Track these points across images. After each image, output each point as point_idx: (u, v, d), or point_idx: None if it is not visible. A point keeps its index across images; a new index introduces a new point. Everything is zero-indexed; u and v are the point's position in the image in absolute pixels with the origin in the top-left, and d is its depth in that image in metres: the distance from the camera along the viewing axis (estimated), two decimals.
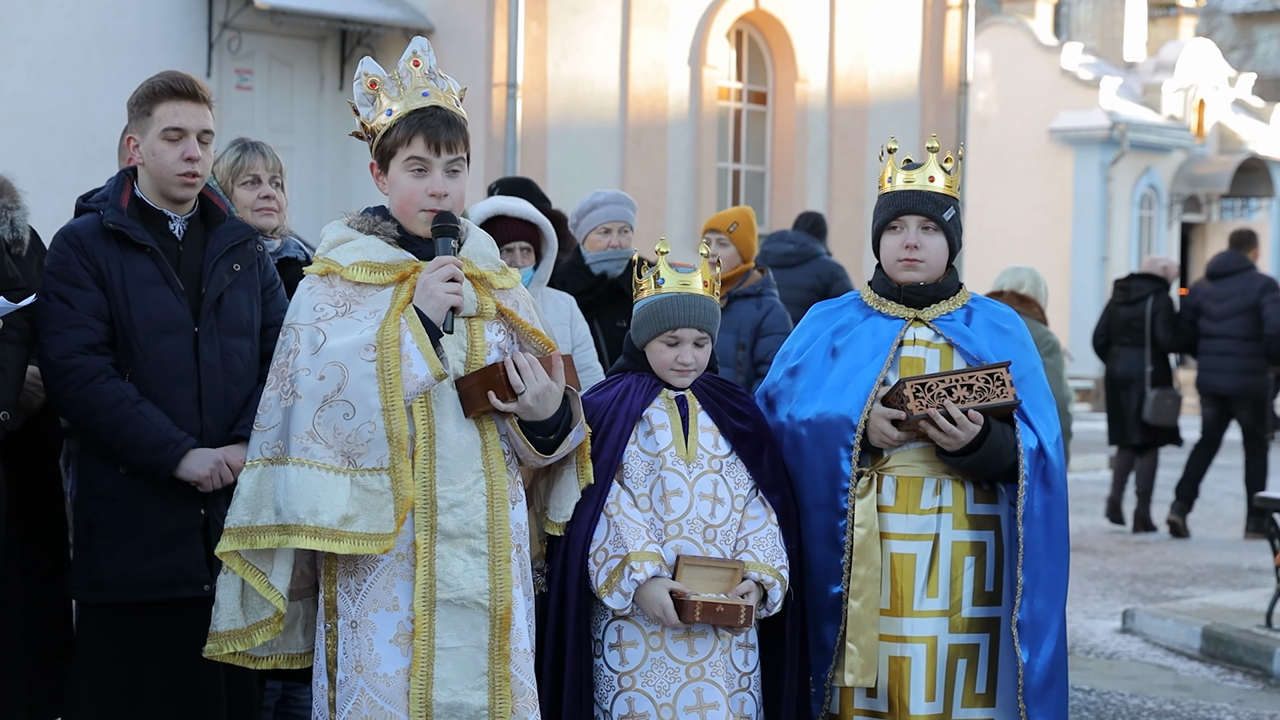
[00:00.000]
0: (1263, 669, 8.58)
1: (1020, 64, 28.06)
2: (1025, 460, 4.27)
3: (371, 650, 3.80)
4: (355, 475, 3.76)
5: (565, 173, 15.31)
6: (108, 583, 4.31)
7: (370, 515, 3.76)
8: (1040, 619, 4.29)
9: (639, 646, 4.19)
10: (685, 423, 4.28)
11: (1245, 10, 40.51)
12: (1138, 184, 28.07)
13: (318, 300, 3.87)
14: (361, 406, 3.75)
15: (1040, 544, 4.29)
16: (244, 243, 4.51)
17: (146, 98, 4.39)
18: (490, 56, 14.74)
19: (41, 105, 13.55)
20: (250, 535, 3.79)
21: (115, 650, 4.33)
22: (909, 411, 4.25)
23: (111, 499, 4.32)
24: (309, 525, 3.73)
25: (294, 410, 3.77)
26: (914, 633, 4.31)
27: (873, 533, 4.30)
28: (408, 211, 3.93)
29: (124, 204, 4.40)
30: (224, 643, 3.91)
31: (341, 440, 3.76)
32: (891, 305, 4.48)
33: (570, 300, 5.86)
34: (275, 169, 5.27)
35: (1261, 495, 9.76)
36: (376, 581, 3.82)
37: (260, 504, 3.79)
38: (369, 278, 3.88)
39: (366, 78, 3.96)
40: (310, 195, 15.01)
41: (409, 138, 3.88)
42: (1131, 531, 13.19)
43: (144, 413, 4.26)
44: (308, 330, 3.82)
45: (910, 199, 4.41)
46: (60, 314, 4.29)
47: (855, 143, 17.85)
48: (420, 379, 3.78)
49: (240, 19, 14.49)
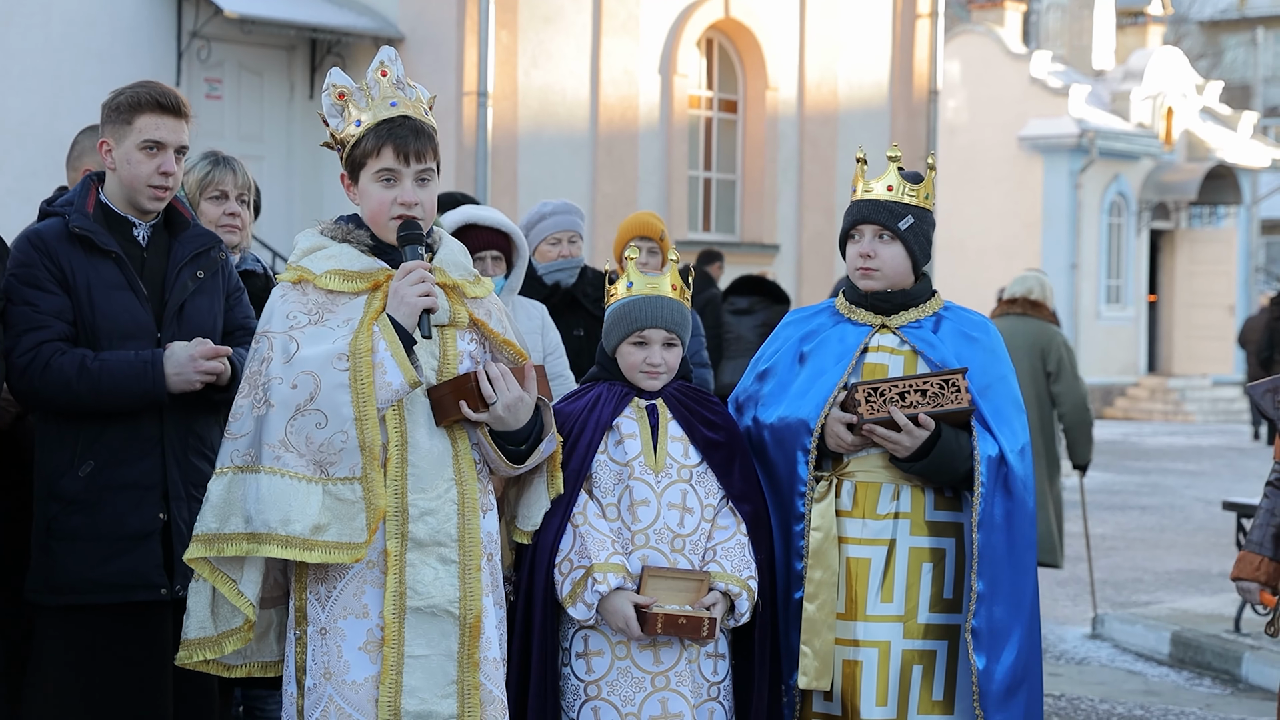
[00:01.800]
0: (1231, 674, 8.63)
1: (989, 72, 28.17)
2: (982, 467, 4.28)
3: (340, 657, 3.79)
4: (327, 484, 3.76)
5: (536, 181, 15.32)
6: (65, 585, 4.31)
7: (342, 524, 3.75)
8: (1000, 626, 4.29)
9: (605, 656, 4.19)
10: (655, 432, 4.29)
11: (1213, 18, 40.75)
12: (1107, 191, 28.19)
13: (290, 308, 3.86)
14: (334, 416, 3.74)
15: (1000, 551, 4.29)
16: (207, 250, 4.52)
17: (129, 106, 4.38)
18: (461, 65, 14.75)
19: (11, 114, 13.52)
20: (218, 542, 3.78)
21: (72, 653, 4.32)
22: (859, 415, 4.27)
23: (71, 501, 4.32)
24: (280, 534, 3.72)
25: (266, 419, 3.76)
26: (867, 637, 4.32)
27: (829, 537, 4.32)
28: (379, 221, 3.93)
29: (89, 208, 4.40)
30: (194, 650, 3.89)
31: (314, 449, 3.75)
32: (860, 312, 4.50)
33: (542, 309, 5.86)
34: (244, 186, 5.25)
35: (1229, 501, 9.82)
36: (346, 588, 3.81)
37: (229, 511, 3.78)
38: (342, 286, 3.88)
39: (335, 89, 3.95)
40: (281, 204, 14.99)
41: (378, 148, 3.88)
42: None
43: (106, 359, 4.27)
44: (280, 338, 3.81)
45: (866, 209, 4.44)
46: (23, 316, 4.29)
47: (825, 151, 17.90)
48: (395, 387, 3.78)
49: (210, 28, 14.47)
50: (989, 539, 4.28)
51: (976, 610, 4.27)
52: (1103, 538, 13.33)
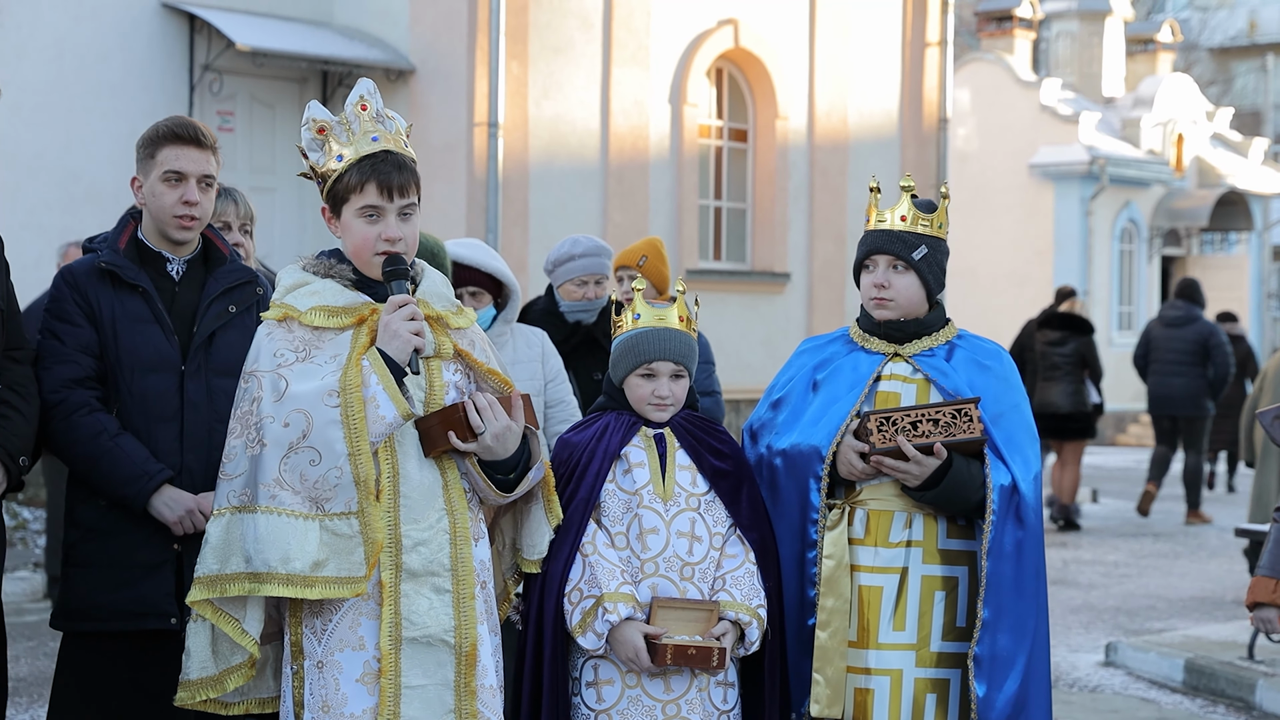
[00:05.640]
0: (1245, 701, 8.60)
1: (1000, 100, 28.20)
2: (994, 496, 4.29)
3: (338, 690, 3.80)
4: (324, 520, 3.77)
5: (547, 211, 15.35)
6: (79, 611, 4.44)
7: (340, 559, 3.76)
8: (1003, 654, 4.29)
9: (615, 684, 4.20)
10: (663, 461, 4.30)
11: (1223, 45, 40.78)
12: (1118, 218, 28.19)
13: (277, 346, 3.87)
14: (327, 452, 3.75)
15: (1008, 579, 4.30)
16: (243, 284, 4.61)
17: (151, 141, 4.56)
18: (471, 97, 14.80)
19: (24, 148, 13.58)
20: (220, 583, 3.79)
21: (88, 680, 4.42)
22: (871, 445, 4.28)
23: (89, 529, 4.45)
24: (280, 573, 3.73)
25: (260, 458, 3.77)
26: (879, 665, 4.33)
27: (842, 564, 4.33)
28: (362, 256, 3.94)
29: (121, 245, 4.56)
30: (196, 690, 3.89)
31: (309, 486, 3.76)
32: (874, 341, 4.52)
33: (542, 335, 5.86)
34: (246, 216, 5.32)
35: (1241, 527, 9.81)
36: (342, 621, 3.82)
37: (229, 552, 3.79)
38: (327, 322, 3.88)
39: (314, 123, 3.96)
40: (293, 236, 15.03)
41: (361, 184, 3.89)
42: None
43: (121, 445, 4.36)
44: (269, 377, 3.82)
45: (880, 239, 4.46)
46: (51, 350, 4.46)
47: (836, 179, 17.93)
48: (388, 420, 3.80)
49: (222, 61, 14.54)
50: (997, 567, 4.29)
51: (980, 638, 4.28)
52: (1115, 564, 13.31)
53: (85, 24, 14.01)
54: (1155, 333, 15.84)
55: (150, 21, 14.40)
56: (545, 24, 15.50)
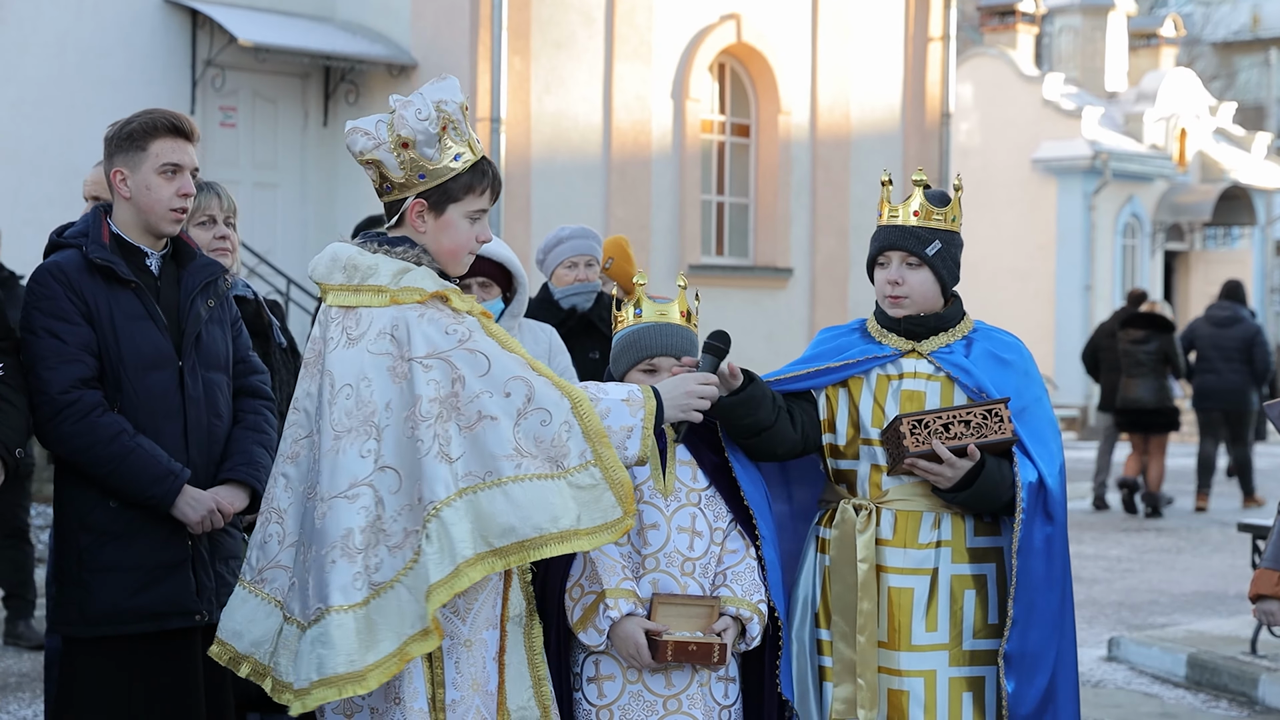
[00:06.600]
0: (1248, 696, 8.60)
1: (1002, 95, 28.19)
2: (1023, 494, 4.25)
3: (484, 668, 3.91)
4: (566, 477, 3.80)
5: (550, 206, 15.35)
6: (99, 616, 4.33)
7: (589, 510, 3.80)
8: (1033, 650, 4.27)
9: (616, 680, 4.20)
10: (663, 456, 4.30)
11: (1226, 40, 40.74)
12: (1121, 213, 28.18)
13: (445, 323, 3.82)
14: (555, 409, 3.79)
15: (1039, 576, 4.27)
16: (214, 280, 4.56)
17: (142, 132, 4.42)
18: (474, 92, 14.79)
19: (26, 144, 13.58)
20: (486, 562, 3.73)
21: (105, 684, 4.35)
22: (905, 449, 4.24)
23: (103, 533, 4.34)
24: (554, 532, 3.75)
25: (485, 433, 3.74)
26: (911, 666, 4.30)
27: (874, 567, 4.32)
28: (458, 255, 3.95)
29: (104, 239, 4.43)
30: (341, 686, 3.73)
31: (545, 447, 3.78)
32: (891, 337, 4.46)
33: (550, 331, 5.86)
34: (230, 209, 5.26)
35: (1244, 522, 9.81)
36: (486, 601, 3.91)
37: (484, 530, 3.72)
38: (460, 305, 3.88)
39: (443, 116, 3.92)
40: (295, 231, 15.04)
41: (481, 189, 3.94)
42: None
43: (143, 445, 4.31)
44: (459, 354, 3.78)
45: (893, 235, 4.41)
46: (53, 349, 4.31)
47: (838, 174, 17.92)
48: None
49: (224, 56, 14.54)
50: (1027, 564, 4.25)
51: (1010, 635, 4.25)
52: (1118, 559, 13.31)
53: (87, 20, 14.01)
54: (1202, 331, 16.48)
55: (152, 17, 14.40)
56: (547, 19, 15.49)
